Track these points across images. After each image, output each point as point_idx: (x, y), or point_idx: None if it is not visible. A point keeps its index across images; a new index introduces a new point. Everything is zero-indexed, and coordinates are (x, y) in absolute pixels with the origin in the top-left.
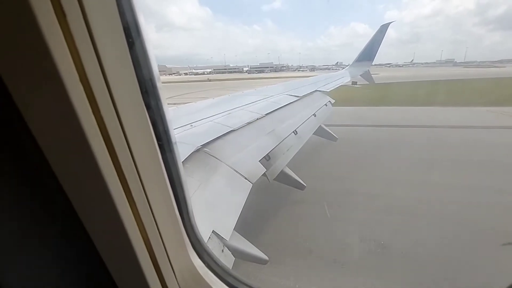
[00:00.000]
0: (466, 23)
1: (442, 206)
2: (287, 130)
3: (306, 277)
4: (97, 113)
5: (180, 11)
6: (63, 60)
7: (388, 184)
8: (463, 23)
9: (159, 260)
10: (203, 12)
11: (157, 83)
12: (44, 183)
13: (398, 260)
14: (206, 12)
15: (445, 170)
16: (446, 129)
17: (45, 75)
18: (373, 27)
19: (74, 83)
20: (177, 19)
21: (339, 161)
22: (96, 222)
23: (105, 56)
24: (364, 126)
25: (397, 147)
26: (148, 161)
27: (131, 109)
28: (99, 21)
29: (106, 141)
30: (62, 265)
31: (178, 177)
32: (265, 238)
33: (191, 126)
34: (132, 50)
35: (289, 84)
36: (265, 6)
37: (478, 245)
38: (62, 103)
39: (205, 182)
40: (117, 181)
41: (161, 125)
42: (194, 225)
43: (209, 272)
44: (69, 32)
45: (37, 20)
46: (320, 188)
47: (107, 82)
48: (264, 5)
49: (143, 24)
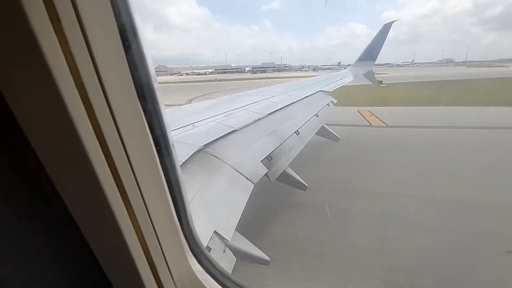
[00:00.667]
0: (463, 23)
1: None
2: (290, 130)
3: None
4: (93, 117)
5: (179, 11)
6: (58, 65)
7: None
8: (460, 23)
9: (157, 265)
10: (201, 12)
11: (154, 85)
12: (39, 188)
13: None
14: (204, 12)
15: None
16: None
17: (39, 80)
18: (370, 27)
19: (69, 87)
20: (175, 19)
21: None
22: (93, 226)
23: (101, 60)
24: (457, 128)
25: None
26: (145, 165)
27: (127, 113)
28: (94, 25)
29: (102, 145)
30: (58, 269)
31: (177, 181)
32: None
33: (193, 126)
34: (128, 53)
35: (296, 83)
36: (264, 6)
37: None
38: (57, 108)
39: (207, 183)
40: (114, 185)
41: (159, 128)
42: (193, 229)
43: (207, 276)
44: (64, 37)
45: (31, 24)
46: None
47: (103, 87)
48: (263, 6)
49: (139, 27)
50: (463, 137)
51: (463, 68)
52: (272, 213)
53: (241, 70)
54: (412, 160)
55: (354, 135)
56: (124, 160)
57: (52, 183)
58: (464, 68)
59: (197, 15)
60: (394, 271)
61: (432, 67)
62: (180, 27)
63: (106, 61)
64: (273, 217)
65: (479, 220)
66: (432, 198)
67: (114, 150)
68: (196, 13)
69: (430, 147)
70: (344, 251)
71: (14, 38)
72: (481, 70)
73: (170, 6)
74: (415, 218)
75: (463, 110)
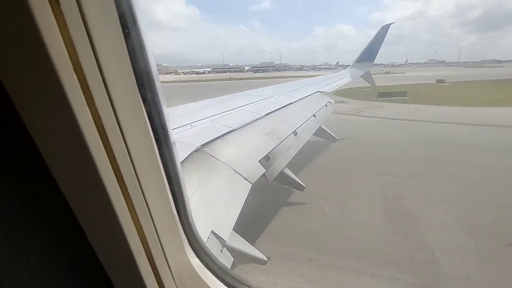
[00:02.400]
0: (445, 24)
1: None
2: (288, 130)
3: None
4: (92, 106)
5: (168, 10)
6: (57, 50)
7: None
8: (443, 25)
9: (156, 259)
10: (190, 11)
11: (154, 75)
12: (40, 180)
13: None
14: (193, 11)
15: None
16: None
17: (38, 66)
18: (357, 28)
19: (68, 74)
20: (164, 18)
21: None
22: (92, 220)
23: (101, 47)
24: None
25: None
26: (145, 157)
27: (127, 102)
28: (94, 10)
29: (101, 136)
30: (57, 265)
31: (176, 175)
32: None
33: (191, 126)
34: (128, 40)
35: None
36: (253, 6)
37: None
38: (55, 95)
39: (205, 182)
40: (113, 177)
41: (158, 119)
42: (192, 224)
43: (207, 271)
44: (63, 21)
45: (30, 8)
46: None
47: (102, 74)
48: (253, 5)
49: (140, 15)
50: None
51: (462, 69)
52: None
53: (241, 69)
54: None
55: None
56: (124, 149)
57: (51, 174)
58: (463, 69)
59: (186, 14)
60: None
61: (425, 67)
62: (169, 26)
63: (106, 48)
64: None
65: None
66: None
67: (113, 140)
68: (185, 11)
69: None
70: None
71: (12, 21)
72: (499, 71)
73: (158, 5)
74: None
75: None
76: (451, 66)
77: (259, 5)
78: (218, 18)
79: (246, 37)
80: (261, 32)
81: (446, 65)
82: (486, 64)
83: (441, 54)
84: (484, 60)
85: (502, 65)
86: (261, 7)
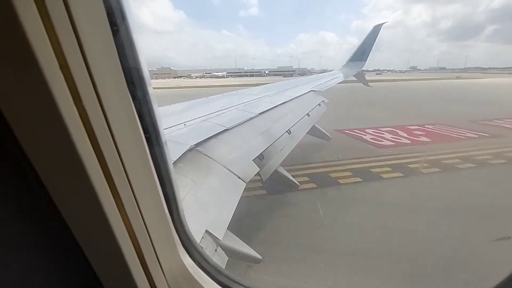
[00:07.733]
0: (421, 33)
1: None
2: (282, 129)
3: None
4: (80, 105)
5: (155, 14)
6: (41, 46)
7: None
8: (419, 33)
9: (147, 259)
10: (176, 16)
11: (145, 73)
12: (24, 180)
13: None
14: (180, 16)
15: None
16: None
17: (21, 62)
18: (339, 35)
19: (53, 71)
20: (151, 22)
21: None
22: (80, 220)
23: (88, 44)
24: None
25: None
26: (136, 156)
27: (116, 101)
28: (81, 5)
29: (89, 135)
30: (44, 265)
31: (168, 174)
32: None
33: (184, 125)
34: (117, 37)
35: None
36: (242, 11)
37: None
38: (40, 93)
39: (198, 182)
40: (103, 178)
41: (149, 118)
42: (185, 224)
43: (200, 271)
44: (48, 17)
45: (13, 3)
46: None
47: (90, 72)
48: (241, 11)
49: (129, 10)
50: None
51: (450, 74)
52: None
53: (260, 73)
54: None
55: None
56: (112, 148)
57: (36, 173)
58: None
59: (173, 18)
60: None
61: (411, 73)
62: (155, 30)
63: (93, 43)
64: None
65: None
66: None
67: (102, 138)
68: (172, 16)
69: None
70: None
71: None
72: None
73: (145, 8)
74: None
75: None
76: (447, 72)
77: (248, 11)
78: (203, 23)
79: (231, 42)
80: (246, 37)
81: (450, 71)
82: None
83: (420, 61)
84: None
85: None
86: (250, 13)
